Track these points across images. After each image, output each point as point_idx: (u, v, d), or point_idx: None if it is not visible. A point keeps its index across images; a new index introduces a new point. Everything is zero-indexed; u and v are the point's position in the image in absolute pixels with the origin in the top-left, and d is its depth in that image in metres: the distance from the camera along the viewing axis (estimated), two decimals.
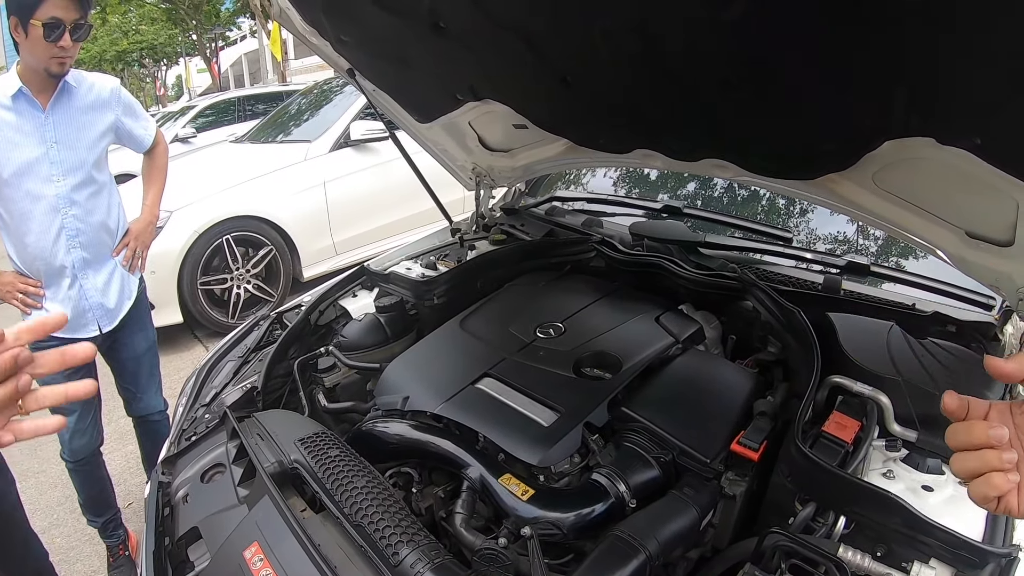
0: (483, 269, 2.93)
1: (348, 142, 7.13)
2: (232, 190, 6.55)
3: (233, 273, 6.47)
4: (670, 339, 2.32)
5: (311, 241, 6.92)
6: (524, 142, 3.23)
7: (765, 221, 3.33)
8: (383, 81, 3.03)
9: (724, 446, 1.85)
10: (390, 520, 1.64)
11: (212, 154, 8.73)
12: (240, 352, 2.76)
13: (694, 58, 1.86)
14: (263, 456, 1.94)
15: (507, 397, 2.08)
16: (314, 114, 8.30)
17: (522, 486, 1.76)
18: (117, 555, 3.75)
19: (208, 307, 6.38)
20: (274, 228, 6.63)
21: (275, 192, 6.70)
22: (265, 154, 7.47)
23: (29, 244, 2.98)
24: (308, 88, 9.94)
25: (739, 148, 2.29)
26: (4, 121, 2.83)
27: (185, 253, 6.13)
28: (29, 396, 0.98)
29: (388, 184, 7.21)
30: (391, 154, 6.98)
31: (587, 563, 1.58)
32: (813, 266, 2.83)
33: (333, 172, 7.02)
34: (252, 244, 6.57)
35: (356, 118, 7.24)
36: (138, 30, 37.90)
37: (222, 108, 15.80)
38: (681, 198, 3.77)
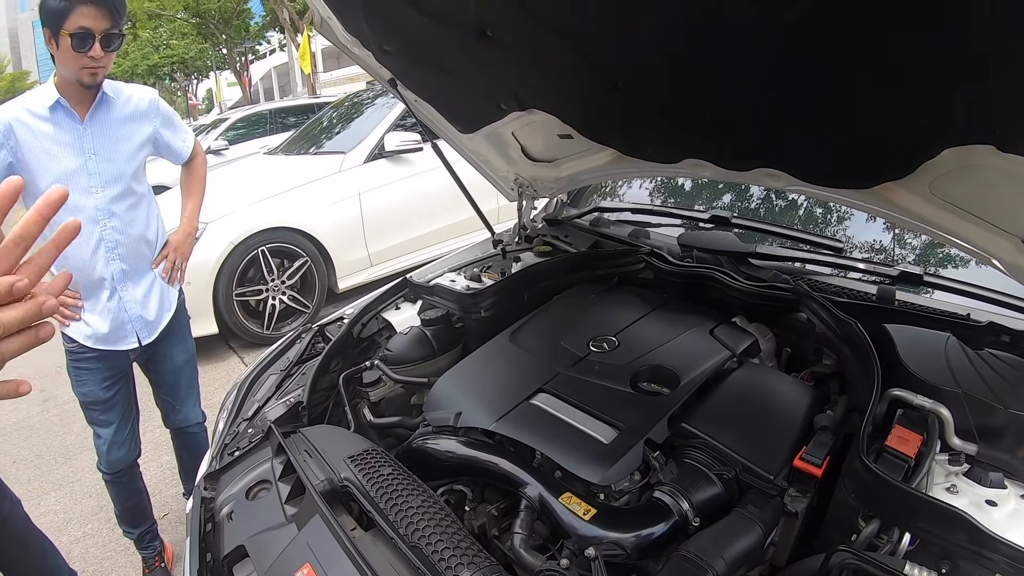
0: (530, 281, 2.87)
1: (383, 153, 7.14)
2: (267, 201, 6.56)
3: (268, 284, 6.47)
4: (726, 352, 2.25)
5: (346, 252, 6.90)
6: (568, 152, 3.18)
7: (813, 231, 3.26)
8: (425, 91, 2.98)
9: (786, 462, 1.79)
10: (448, 541, 1.58)
11: (246, 166, 8.77)
12: (282, 365, 2.72)
13: (749, 63, 1.82)
14: (312, 473, 1.88)
15: (564, 413, 2.01)
16: (347, 126, 8.31)
17: (583, 505, 1.70)
18: (153, 567, 3.72)
19: (243, 318, 6.38)
20: (309, 239, 6.62)
21: (310, 203, 6.69)
22: (299, 166, 7.48)
23: (68, 256, 2.93)
24: (339, 100, 9.93)
25: (793, 156, 2.24)
26: (42, 132, 2.82)
27: (221, 264, 6.14)
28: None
29: (423, 195, 7.21)
30: (425, 165, 7.07)
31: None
32: (865, 275, 2.77)
33: (368, 183, 7.01)
34: (287, 255, 6.56)
35: (390, 129, 7.26)
36: (169, 44, 38.33)
37: (253, 121, 15.92)
38: (718, 208, 3.71)
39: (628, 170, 3.10)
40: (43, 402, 6.26)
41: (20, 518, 2.65)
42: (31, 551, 2.68)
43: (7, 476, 2.60)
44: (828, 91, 1.78)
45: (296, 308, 6.68)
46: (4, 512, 2.54)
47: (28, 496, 4.63)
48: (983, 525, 1.40)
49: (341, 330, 2.73)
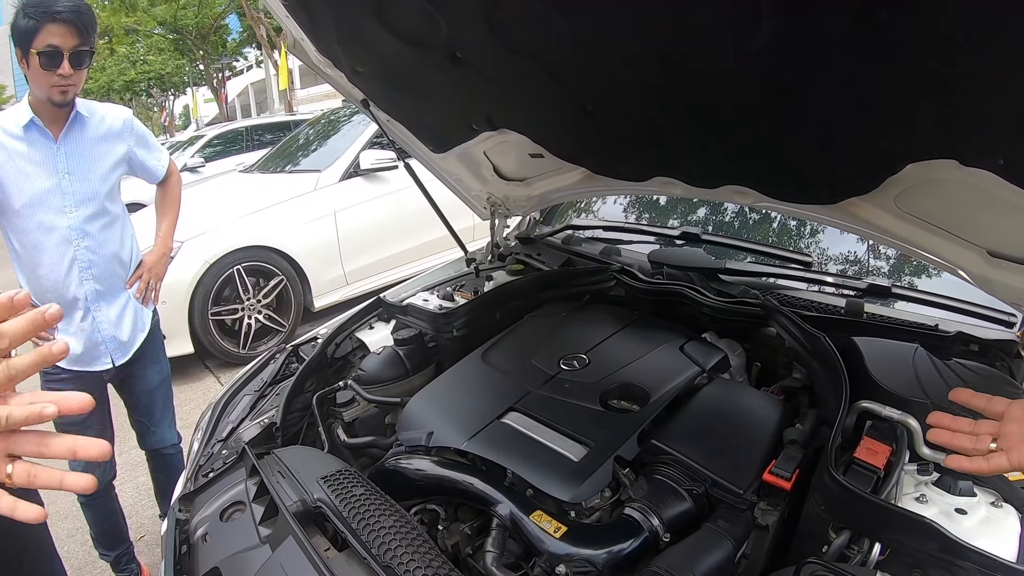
0: (502, 300, 2.88)
1: (358, 171, 7.14)
2: (242, 220, 6.55)
3: (244, 303, 6.46)
4: (696, 368, 2.28)
5: (322, 271, 6.90)
6: (540, 171, 3.21)
7: (783, 245, 3.32)
8: (398, 112, 3.01)
9: (756, 476, 1.81)
10: (420, 560, 1.60)
11: (222, 184, 8.75)
12: (256, 386, 2.72)
13: (717, 86, 1.85)
14: (285, 495, 1.89)
15: (534, 432, 2.03)
16: (323, 144, 8.32)
17: (554, 523, 1.71)
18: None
19: (219, 337, 6.36)
20: (285, 258, 6.62)
21: (285, 222, 6.69)
22: (275, 184, 7.49)
23: (41, 276, 2.97)
24: (316, 118, 9.94)
25: (760, 175, 2.29)
26: (15, 151, 2.82)
27: (196, 283, 6.12)
28: (33, 439, 0.90)
29: (398, 213, 7.22)
30: (401, 183, 7.05)
31: None
32: (834, 289, 2.81)
33: (343, 201, 7.02)
34: (263, 274, 6.56)
35: (365, 147, 7.26)
36: (146, 60, 38.13)
37: (230, 138, 15.85)
38: (692, 224, 3.78)
39: (599, 188, 3.11)
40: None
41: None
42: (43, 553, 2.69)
43: None
44: (793, 112, 1.82)
45: (272, 327, 6.67)
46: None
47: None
48: (953, 534, 1.42)
49: (315, 350, 2.73)
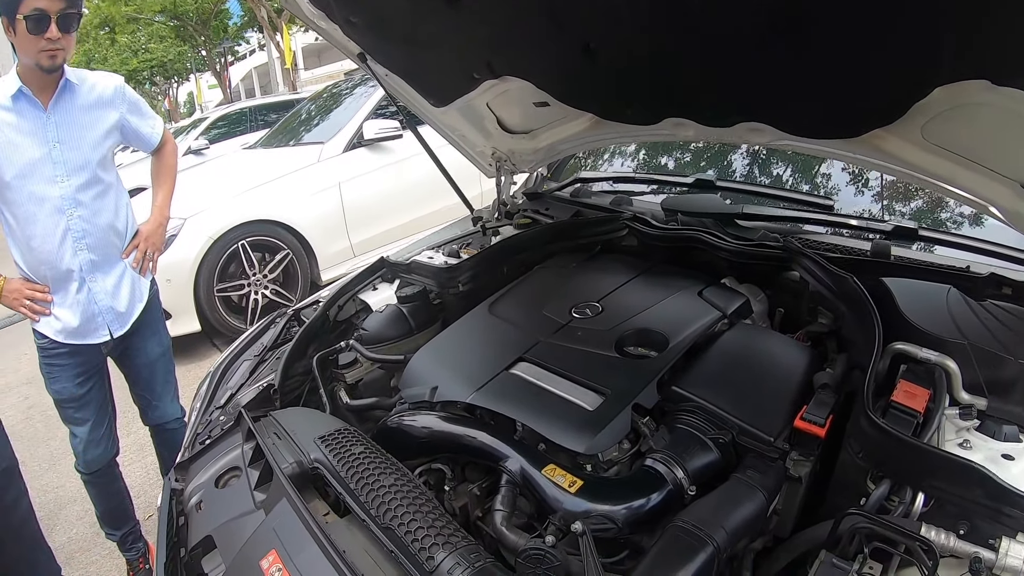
0: (508, 253, 2.80)
1: (362, 142, 7.02)
2: (246, 195, 6.44)
3: (250, 279, 6.37)
4: (717, 313, 2.17)
5: (328, 243, 6.80)
6: (546, 121, 3.10)
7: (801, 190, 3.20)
8: (395, 64, 2.91)
9: (786, 423, 1.70)
10: (423, 521, 1.48)
11: (224, 161, 8.64)
12: (256, 351, 2.65)
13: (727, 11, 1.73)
14: (280, 457, 1.79)
15: (546, 381, 1.92)
16: (326, 116, 8.20)
17: (569, 477, 1.60)
18: (137, 569, 3.63)
19: (226, 314, 6.27)
20: (290, 232, 6.51)
21: (290, 195, 6.58)
22: (278, 158, 7.37)
23: (35, 248, 2.89)
24: (317, 93, 9.83)
25: (777, 108, 2.15)
26: (4, 122, 2.75)
27: (200, 260, 6.02)
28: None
29: (404, 183, 7.12)
30: (406, 152, 6.99)
31: (649, 559, 1.42)
32: (858, 233, 2.66)
33: (348, 173, 6.90)
34: (268, 249, 6.46)
35: (369, 117, 7.14)
36: (148, 48, 38.05)
37: (234, 119, 15.67)
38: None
39: (608, 136, 3.00)
40: (27, 409, 6.18)
41: (23, 509, 2.56)
42: (25, 543, 2.59)
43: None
44: (810, 35, 1.69)
45: (279, 302, 6.45)
46: (8, 500, 2.44)
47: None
48: (1003, 480, 1.31)
49: (316, 313, 2.64)
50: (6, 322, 9.03)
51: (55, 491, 4.75)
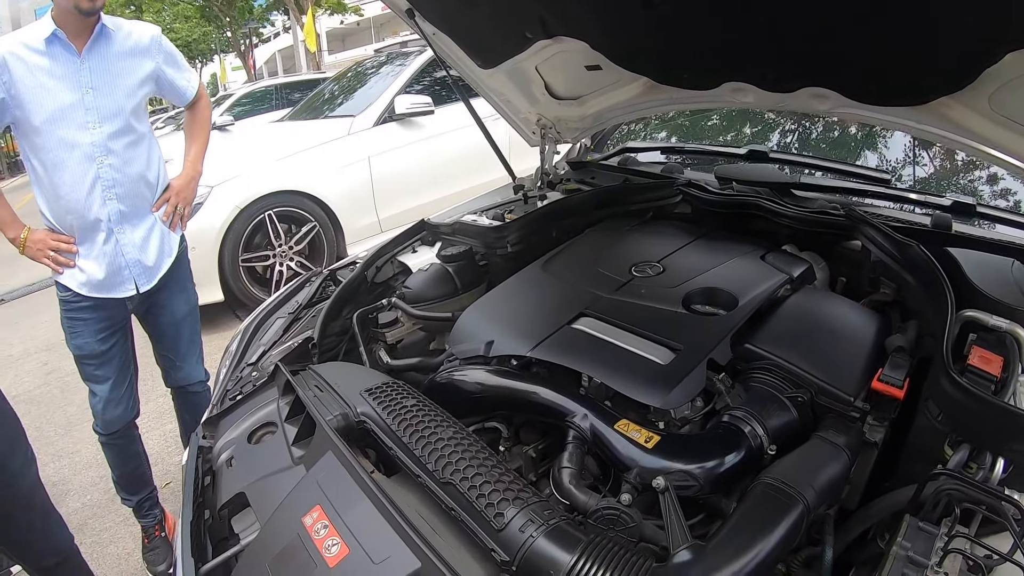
0: (558, 216, 2.71)
1: (393, 116, 6.90)
2: (275, 165, 6.34)
3: (275, 250, 6.25)
4: (783, 275, 2.08)
5: (355, 217, 6.68)
6: (596, 86, 3.00)
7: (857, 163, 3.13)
8: (445, 21, 2.82)
9: (863, 385, 1.65)
10: (488, 475, 1.37)
11: (252, 132, 8.55)
12: (290, 308, 2.56)
13: None
14: (323, 410, 1.68)
15: (612, 336, 1.83)
16: (351, 95, 8.10)
17: (644, 432, 1.52)
18: (153, 536, 3.52)
19: (250, 285, 6.16)
20: (318, 204, 6.40)
21: (318, 167, 6.47)
22: (307, 130, 7.26)
23: (62, 196, 2.80)
24: (342, 72, 9.72)
25: (841, 73, 2.07)
26: (36, 66, 2.66)
27: (226, 229, 5.92)
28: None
29: (434, 160, 7.04)
30: (436, 129, 6.92)
31: (738, 516, 1.36)
32: (915, 208, 2.59)
33: (377, 147, 6.79)
34: (295, 220, 6.34)
35: (400, 92, 7.03)
36: (172, 28, 38.12)
37: (259, 96, 15.65)
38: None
39: (661, 102, 2.93)
40: (45, 375, 6.13)
41: (32, 477, 2.46)
42: (35, 512, 2.49)
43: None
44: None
45: (304, 274, 6.39)
46: (14, 468, 2.34)
47: None
48: None
49: (354, 272, 2.55)
50: (25, 290, 9.01)
51: (70, 456, 4.68)
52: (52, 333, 7.01)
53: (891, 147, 3.16)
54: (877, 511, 1.52)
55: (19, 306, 8.56)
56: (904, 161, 3.09)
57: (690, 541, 1.27)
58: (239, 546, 1.53)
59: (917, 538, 1.21)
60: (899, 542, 1.20)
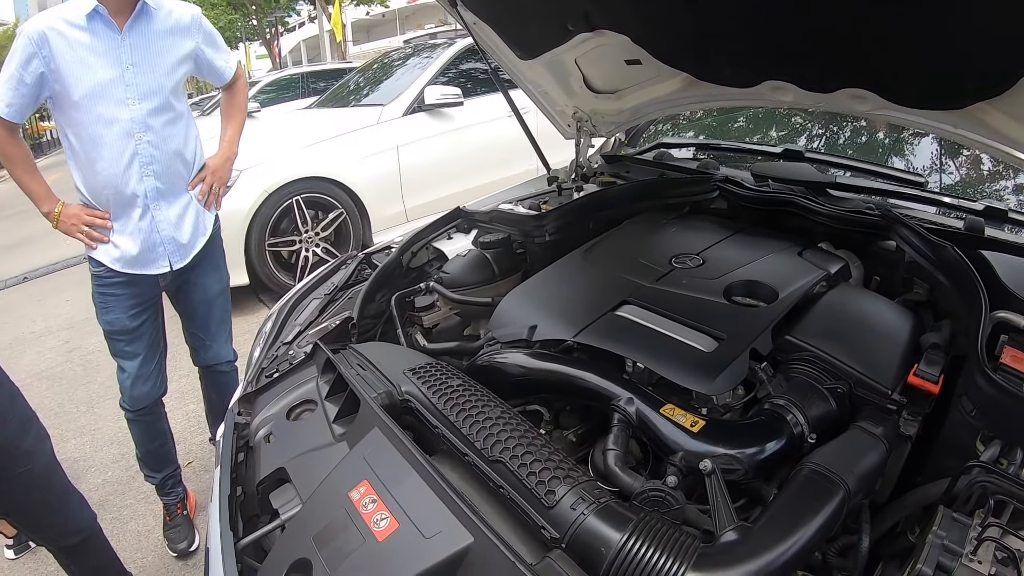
0: (595, 208, 2.71)
1: (422, 107, 6.90)
2: (304, 151, 6.34)
3: (302, 235, 6.25)
4: (821, 271, 2.09)
5: (382, 206, 6.68)
6: (635, 81, 3.00)
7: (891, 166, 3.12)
8: (487, 11, 2.82)
9: (899, 379, 1.67)
10: (538, 454, 1.39)
11: (281, 118, 8.56)
12: (326, 290, 2.57)
13: None
14: (366, 388, 1.69)
15: (655, 324, 1.84)
16: (377, 87, 8.11)
17: (690, 417, 1.55)
18: (174, 514, 3.53)
19: (275, 269, 6.17)
20: (345, 191, 6.40)
21: (347, 155, 6.47)
22: (336, 117, 7.26)
23: (98, 171, 2.80)
24: (367, 63, 9.71)
25: (881, 75, 2.08)
26: (77, 41, 2.66)
27: (254, 213, 5.92)
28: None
29: (462, 151, 7.03)
30: (465, 120, 6.93)
31: (782, 499, 1.40)
32: (947, 211, 2.61)
33: (406, 136, 6.79)
34: (322, 207, 6.34)
35: (430, 82, 7.03)
36: None
37: (284, 84, 15.62)
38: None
39: (699, 98, 2.92)
40: (67, 352, 6.14)
41: (44, 455, 2.43)
42: (52, 492, 2.47)
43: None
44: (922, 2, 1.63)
45: (329, 261, 6.37)
46: (26, 446, 2.32)
47: None
48: None
49: (390, 257, 2.57)
50: (46, 269, 9.06)
51: (91, 433, 4.70)
52: (75, 312, 7.06)
53: (918, 152, 3.19)
54: (910, 503, 1.55)
55: (42, 284, 8.60)
56: (933, 165, 3.10)
57: (737, 522, 1.29)
58: (279, 520, 1.53)
59: (951, 528, 1.22)
60: (934, 531, 1.21)
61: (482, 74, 7.43)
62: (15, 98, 2.66)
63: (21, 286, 8.72)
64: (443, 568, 1.20)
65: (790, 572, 1.25)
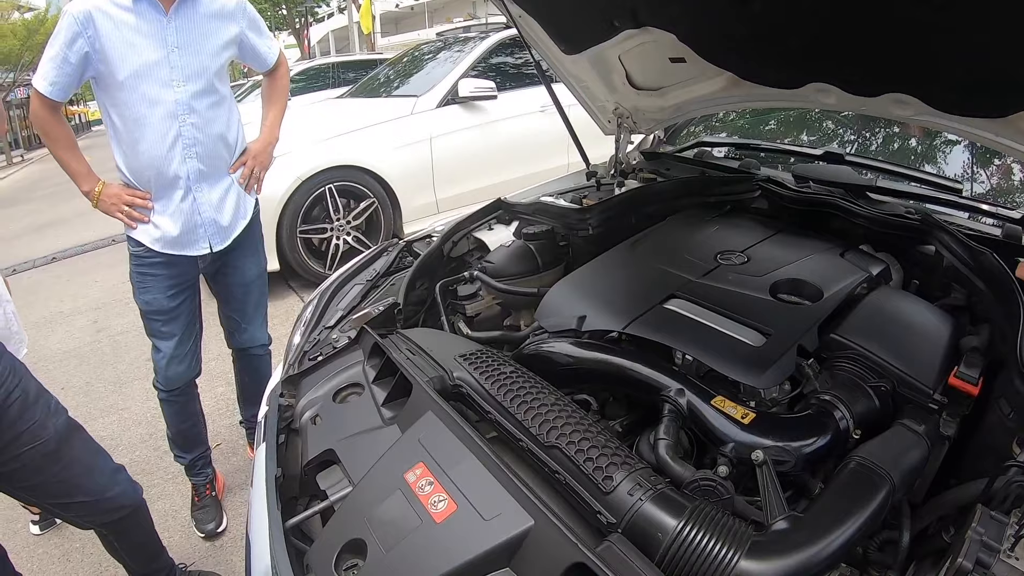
0: (639, 203, 2.72)
1: (456, 99, 6.90)
2: (337, 139, 6.35)
3: (333, 224, 6.27)
4: (864, 273, 2.10)
5: (414, 197, 6.69)
6: (678, 79, 2.98)
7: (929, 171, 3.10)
8: (533, 4, 2.80)
9: (940, 380, 1.68)
10: (594, 441, 1.39)
11: (315, 106, 8.59)
12: (368, 276, 2.58)
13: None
14: (418, 372, 1.68)
15: (703, 318, 1.86)
16: (407, 80, 8.10)
17: (740, 409, 1.57)
18: (203, 495, 3.56)
19: (306, 257, 6.20)
20: (378, 180, 6.41)
21: (380, 144, 6.47)
22: (370, 107, 7.28)
23: (141, 152, 2.82)
24: (397, 56, 9.71)
25: (927, 81, 2.06)
26: (123, 22, 2.68)
27: (287, 200, 5.95)
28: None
29: (495, 145, 7.02)
30: (499, 114, 6.91)
31: (831, 491, 1.42)
32: (984, 218, 2.59)
33: (440, 128, 6.79)
34: (354, 196, 6.35)
35: (465, 75, 7.02)
36: None
37: (313, 74, 15.56)
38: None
39: (741, 98, 2.91)
40: (96, 332, 6.19)
41: (56, 428, 2.33)
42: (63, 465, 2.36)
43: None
44: (969, 9, 1.61)
45: (360, 250, 6.29)
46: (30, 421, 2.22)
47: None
48: None
49: (431, 246, 2.58)
50: (76, 250, 9.12)
51: (119, 412, 4.74)
52: (103, 293, 7.11)
53: (950, 158, 3.20)
54: (946, 503, 1.55)
55: (69, 265, 8.68)
56: (964, 171, 3.09)
57: (788, 512, 1.32)
58: (328, 501, 1.54)
59: (989, 526, 1.23)
60: (974, 527, 1.22)
61: (513, 69, 7.45)
62: (59, 77, 2.69)
63: (49, 266, 8.79)
64: (503, 550, 1.21)
65: (838, 562, 1.27)
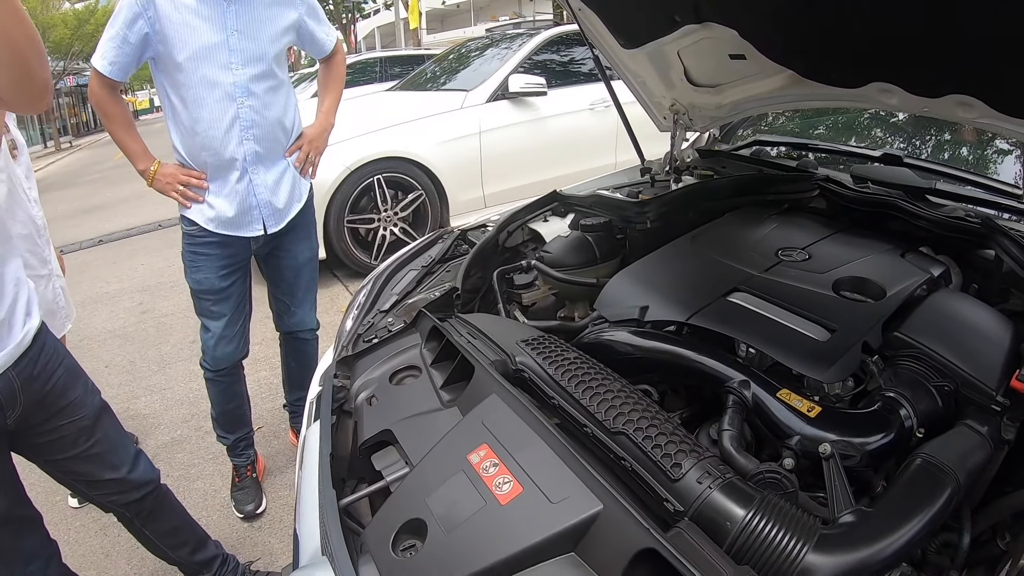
0: (697, 198, 2.71)
1: (506, 94, 6.89)
2: (387, 131, 6.37)
3: (380, 214, 6.29)
4: (926, 274, 2.09)
5: (461, 190, 6.70)
6: (737, 76, 2.94)
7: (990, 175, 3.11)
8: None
9: (1002, 382, 1.65)
10: (662, 428, 1.39)
11: (366, 98, 8.59)
12: (424, 262, 2.60)
13: None
14: (480, 355, 1.68)
15: (767, 311, 1.86)
16: (454, 76, 8.11)
17: (806, 403, 1.56)
18: (244, 476, 3.58)
19: (352, 246, 6.23)
20: (426, 173, 6.43)
21: (430, 137, 6.49)
22: (420, 101, 7.28)
23: (199, 133, 2.84)
24: (444, 52, 9.76)
25: (992, 82, 2.01)
26: (184, 4, 2.70)
27: (335, 189, 5.99)
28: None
29: (543, 141, 7.01)
30: (548, 111, 6.91)
31: (897, 487, 1.40)
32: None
33: (489, 123, 6.78)
34: (402, 187, 6.37)
35: (515, 70, 7.02)
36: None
37: (360, 68, 15.57)
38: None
39: (801, 97, 2.85)
40: (141, 314, 6.27)
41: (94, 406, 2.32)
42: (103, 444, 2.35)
43: (97, 379, 2.34)
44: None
45: (406, 241, 6.26)
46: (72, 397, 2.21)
47: (118, 399, 4.61)
48: None
49: (487, 235, 2.59)
50: (122, 234, 9.22)
51: (161, 392, 4.79)
52: (149, 275, 7.19)
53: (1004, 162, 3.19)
54: (1002, 508, 1.54)
55: (116, 248, 8.79)
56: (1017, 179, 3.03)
57: (855, 506, 1.31)
58: (384, 481, 1.53)
59: None
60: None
61: (559, 67, 7.44)
62: (118, 56, 2.71)
63: (95, 248, 8.91)
64: (571, 533, 1.20)
65: (903, 559, 1.26)
